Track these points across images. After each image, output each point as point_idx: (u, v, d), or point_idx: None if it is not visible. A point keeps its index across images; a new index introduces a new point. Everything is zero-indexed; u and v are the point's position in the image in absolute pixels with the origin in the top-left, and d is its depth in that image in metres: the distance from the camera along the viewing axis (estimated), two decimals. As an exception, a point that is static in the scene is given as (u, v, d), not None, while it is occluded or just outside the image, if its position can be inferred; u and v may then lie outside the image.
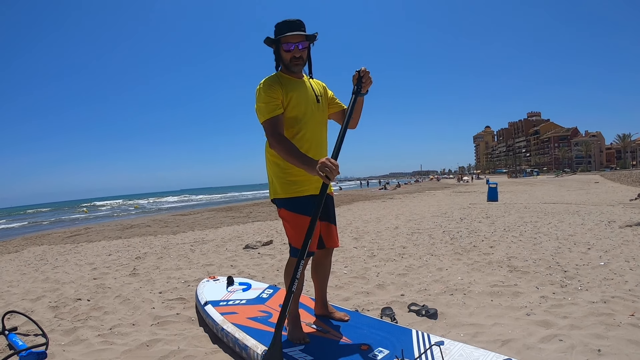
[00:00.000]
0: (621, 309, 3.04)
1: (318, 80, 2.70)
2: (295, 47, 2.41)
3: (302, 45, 2.42)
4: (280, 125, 2.37)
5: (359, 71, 2.42)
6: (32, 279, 5.56)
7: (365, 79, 2.41)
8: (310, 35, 2.44)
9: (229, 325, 2.80)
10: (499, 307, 3.23)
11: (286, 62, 2.46)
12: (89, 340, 3.03)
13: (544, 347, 2.50)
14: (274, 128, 2.34)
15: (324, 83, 2.74)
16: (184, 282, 4.65)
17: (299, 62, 2.46)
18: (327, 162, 2.08)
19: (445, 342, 2.31)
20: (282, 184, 2.51)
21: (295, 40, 2.39)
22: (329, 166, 2.07)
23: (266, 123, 2.37)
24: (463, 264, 4.68)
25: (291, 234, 2.54)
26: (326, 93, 2.70)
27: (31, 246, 10.66)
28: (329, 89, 2.75)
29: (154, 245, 8.22)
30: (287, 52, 2.43)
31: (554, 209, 10.46)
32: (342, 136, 2.30)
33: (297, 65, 2.47)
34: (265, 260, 5.63)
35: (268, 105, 2.36)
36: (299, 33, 2.38)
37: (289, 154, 2.28)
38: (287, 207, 2.51)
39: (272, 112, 2.36)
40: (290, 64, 2.45)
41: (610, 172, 62.42)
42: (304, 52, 2.47)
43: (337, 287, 4.07)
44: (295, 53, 2.42)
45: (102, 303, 4.00)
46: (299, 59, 2.45)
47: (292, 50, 2.41)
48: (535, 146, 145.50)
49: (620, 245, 5.26)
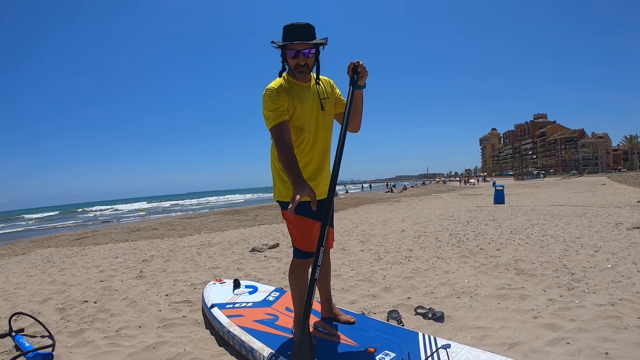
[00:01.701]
0: (629, 311, 3.01)
1: (326, 78, 2.65)
2: (301, 55, 2.36)
3: (308, 52, 2.37)
4: (286, 132, 2.34)
5: (353, 62, 2.38)
6: (39, 281, 5.59)
7: (361, 69, 2.37)
8: (317, 43, 2.37)
9: (235, 327, 2.80)
10: (505, 310, 3.22)
11: (292, 68, 2.42)
12: (95, 342, 3.05)
13: (551, 350, 2.48)
14: (280, 135, 2.32)
15: (332, 80, 2.69)
16: (190, 284, 4.66)
17: (303, 69, 2.41)
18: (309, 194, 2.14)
19: (451, 345, 2.30)
20: (286, 188, 2.50)
21: (301, 47, 2.35)
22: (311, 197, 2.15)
23: (273, 130, 2.35)
24: (470, 267, 4.66)
25: (295, 235, 2.54)
26: (333, 92, 2.64)
27: (38, 248, 10.73)
28: (336, 86, 2.69)
29: (160, 248, 8.25)
30: (292, 60, 2.38)
31: (561, 212, 10.40)
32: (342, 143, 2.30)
33: (301, 73, 2.42)
34: (271, 263, 5.63)
35: (274, 112, 2.34)
36: (305, 42, 2.33)
37: (286, 167, 2.26)
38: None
39: (278, 118, 2.34)
40: (295, 71, 2.41)
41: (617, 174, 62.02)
42: (310, 60, 2.41)
43: (344, 290, 4.07)
44: (300, 61, 2.38)
45: (109, 305, 4.02)
46: (303, 66, 2.40)
47: (298, 57, 2.37)
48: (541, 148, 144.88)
49: (628, 247, 5.21)
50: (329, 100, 2.59)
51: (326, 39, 2.39)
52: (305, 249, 2.51)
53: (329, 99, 2.59)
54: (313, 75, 2.56)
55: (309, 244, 2.50)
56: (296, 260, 2.58)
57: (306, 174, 2.48)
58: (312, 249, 2.47)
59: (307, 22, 2.36)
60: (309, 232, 2.48)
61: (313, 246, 2.45)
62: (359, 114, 2.60)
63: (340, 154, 2.28)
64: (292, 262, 2.62)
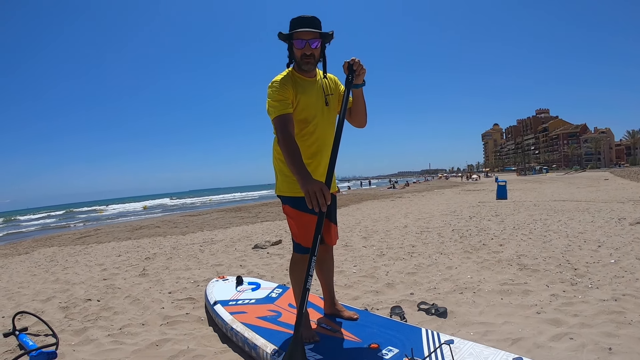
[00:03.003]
0: (632, 306, 3.01)
1: (332, 75, 2.65)
2: (307, 45, 2.35)
3: (314, 43, 2.36)
4: (290, 124, 2.33)
5: (348, 61, 2.35)
6: (43, 280, 5.61)
7: (357, 67, 2.33)
8: (324, 33, 2.37)
9: (238, 324, 2.80)
10: (509, 306, 3.21)
11: (297, 60, 2.41)
12: (99, 340, 3.06)
13: (555, 346, 2.48)
14: (283, 126, 2.30)
15: (336, 77, 2.69)
16: (193, 282, 4.67)
17: (309, 60, 2.40)
18: (320, 191, 2.04)
19: (455, 340, 2.30)
20: (288, 182, 2.51)
21: (307, 37, 2.34)
22: (318, 196, 2.04)
23: (276, 120, 2.34)
24: (472, 263, 4.65)
25: (295, 230, 2.55)
26: (337, 89, 2.64)
27: (41, 248, 10.76)
28: (342, 84, 2.68)
29: (163, 246, 8.26)
30: (298, 50, 2.38)
31: (564, 207, 10.37)
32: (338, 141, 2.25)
33: (307, 64, 2.41)
34: (274, 260, 5.64)
35: (279, 103, 2.33)
36: (312, 30, 2.32)
37: (290, 158, 2.23)
38: (291, 204, 2.52)
39: (283, 110, 2.33)
40: (301, 62, 2.40)
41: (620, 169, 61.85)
42: (317, 51, 2.40)
43: (347, 286, 4.07)
44: (306, 50, 2.36)
45: (112, 303, 4.03)
46: (310, 56, 2.38)
47: (303, 47, 2.36)
48: (544, 143, 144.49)
49: (631, 242, 5.20)
50: (333, 97, 2.59)
51: (332, 32, 2.38)
52: (305, 244, 2.51)
53: (332, 95, 2.59)
54: (319, 72, 2.56)
55: (309, 239, 2.47)
56: (296, 255, 2.60)
57: (313, 167, 2.49)
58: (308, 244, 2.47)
59: (313, 15, 2.36)
60: (309, 227, 2.45)
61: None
62: (361, 111, 2.58)
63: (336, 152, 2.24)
64: (292, 257, 2.64)
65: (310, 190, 2.05)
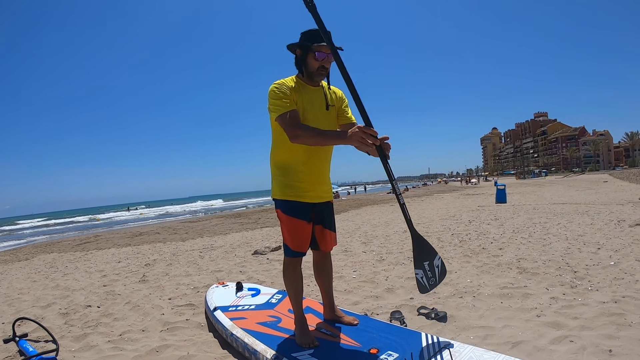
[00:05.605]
0: (632, 308, 3.01)
1: (336, 89, 2.69)
2: (327, 57, 2.41)
3: (331, 56, 2.41)
4: (298, 118, 2.36)
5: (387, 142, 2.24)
6: (43, 286, 5.60)
7: (385, 146, 2.26)
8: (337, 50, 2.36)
9: (238, 330, 2.80)
10: (508, 309, 3.21)
11: (312, 70, 2.45)
12: (99, 346, 3.05)
13: (555, 349, 2.48)
14: (293, 120, 2.33)
15: (341, 91, 2.72)
16: (193, 288, 4.67)
17: (323, 72, 2.46)
18: (363, 133, 2.11)
19: (455, 344, 2.30)
20: (281, 186, 2.55)
21: (327, 50, 2.38)
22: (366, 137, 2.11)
23: (282, 117, 2.34)
24: (472, 267, 4.65)
25: (285, 234, 2.60)
26: (339, 101, 2.67)
27: (41, 254, 10.76)
28: (346, 98, 2.72)
29: (163, 252, 8.26)
30: (317, 61, 2.42)
31: (563, 210, 10.39)
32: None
33: (321, 75, 2.47)
34: (274, 266, 5.64)
35: (282, 101, 2.35)
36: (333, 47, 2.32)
37: (317, 136, 2.29)
38: (282, 209, 2.55)
39: (287, 107, 2.35)
40: (316, 73, 2.45)
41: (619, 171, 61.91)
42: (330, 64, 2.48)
43: (346, 291, 4.07)
44: (326, 63, 2.43)
45: (112, 309, 4.03)
46: (326, 69, 2.46)
47: (324, 59, 2.41)
48: (543, 147, 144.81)
49: (631, 244, 5.21)
50: (333, 108, 2.62)
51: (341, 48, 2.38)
52: (294, 248, 2.56)
53: (334, 107, 2.62)
54: (323, 83, 2.61)
55: (298, 243, 2.56)
56: (287, 259, 2.63)
57: (307, 174, 2.52)
58: (301, 249, 2.56)
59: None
60: (299, 232, 2.54)
61: (302, 246, 2.56)
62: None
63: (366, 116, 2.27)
64: (284, 260, 2.67)
65: (355, 137, 2.12)
